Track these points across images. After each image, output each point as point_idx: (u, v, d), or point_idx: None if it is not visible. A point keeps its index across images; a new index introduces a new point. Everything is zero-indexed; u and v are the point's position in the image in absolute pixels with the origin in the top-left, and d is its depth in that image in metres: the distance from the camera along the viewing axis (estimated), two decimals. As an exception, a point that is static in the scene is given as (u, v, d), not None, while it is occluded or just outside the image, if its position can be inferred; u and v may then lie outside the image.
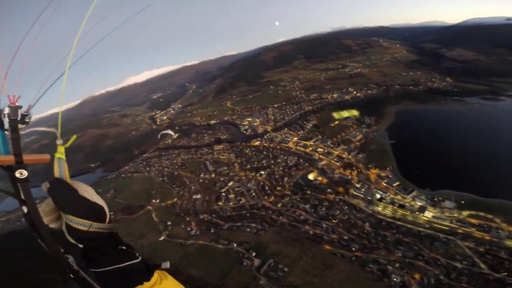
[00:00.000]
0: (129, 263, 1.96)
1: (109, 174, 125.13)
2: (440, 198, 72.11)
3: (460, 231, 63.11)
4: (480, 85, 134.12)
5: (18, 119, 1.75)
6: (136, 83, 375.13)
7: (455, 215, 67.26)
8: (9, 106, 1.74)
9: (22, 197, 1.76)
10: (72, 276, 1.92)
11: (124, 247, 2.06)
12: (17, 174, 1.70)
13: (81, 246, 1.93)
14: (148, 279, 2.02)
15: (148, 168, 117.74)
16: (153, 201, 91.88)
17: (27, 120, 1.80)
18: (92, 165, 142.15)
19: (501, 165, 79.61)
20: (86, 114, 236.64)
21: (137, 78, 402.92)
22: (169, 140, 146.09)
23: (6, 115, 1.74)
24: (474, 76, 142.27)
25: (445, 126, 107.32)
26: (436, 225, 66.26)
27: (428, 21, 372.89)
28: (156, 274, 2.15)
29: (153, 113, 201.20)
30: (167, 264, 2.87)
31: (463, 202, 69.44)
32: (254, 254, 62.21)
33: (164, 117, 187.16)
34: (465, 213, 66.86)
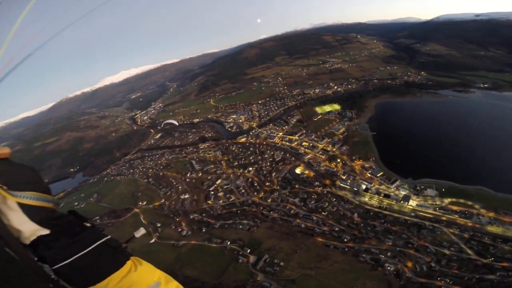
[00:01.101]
0: (100, 241, 1.70)
1: (90, 178, 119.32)
2: (422, 187, 74.78)
3: (444, 218, 65.70)
4: (452, 78, 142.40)
5: None
6: (113, 83, 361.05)
7: (437, 203, 69.88)
8: None
9: None
10: (52, 287, 1.61)
11: (90, 224, 1.86)
12: None
13: (44, 233, 1.62)
14: (120, 265, 1.75)
15: (131, 170, 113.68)
16: (140, 203, 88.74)
17: None
18: (72, 169, 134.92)
19: (477, 152, 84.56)
20: (62, 117, 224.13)
21: (114, 78, 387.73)
22: (152, 141, 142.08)
23: None
24: (447, 70, 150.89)
25: (422, 117, 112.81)
26: (421, 213, 68.53)
27: (403, 17, 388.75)
28: (129, 262, 1.89)
29: (133, 114, 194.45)
30: (141, 231, 2.60)
31: (443, 190, 72.38)
32: (248, 250, 62.05)
33: (145, 117, 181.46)
34: (447, 200, 69.59)
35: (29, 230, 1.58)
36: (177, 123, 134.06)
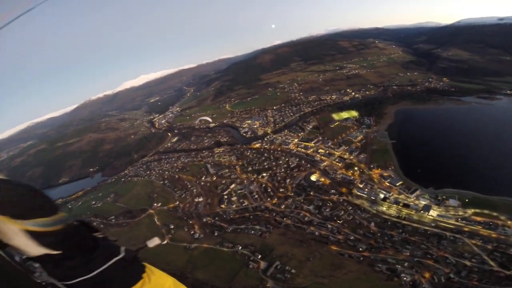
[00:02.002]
0: (117, 258, 1.62)
1: (108, 178, 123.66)
2: (444, 197, 72.24)
3: (466, 229, 63.15)
4: (476, 84, 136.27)
5: None
6: (133, 87, 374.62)
7: (460, 214, 67.40)
8: None
9: None
10: None
11: (101, 234, 1.79)
12: None
13: (53, 252, 1.49)
14: (136, 280, 1.71)
15: (148, 172, 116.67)
16: (155, 204, 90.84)
17: None
18: (91, 169, 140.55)
19: (503, 162, 79.91)
20: (84, 119, 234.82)
21: (134, 82, 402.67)
22: (168, 144, 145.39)
23: None
24: (470, 76, 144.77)
25: (444, 125, 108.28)
26: (442, 223, 66.17)
27: (422, 22, 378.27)
28: (144, 274, 1.85)
29: (152, 117, 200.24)
30: (154, 241, 2.43)
31: (467, 200, 69.69)
32: (260, 256, 61.58)
33: (163, 121, 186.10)
34: (470, 211, 67.03)
35: (38, 252, 1.47)
36: (211, 120, 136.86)
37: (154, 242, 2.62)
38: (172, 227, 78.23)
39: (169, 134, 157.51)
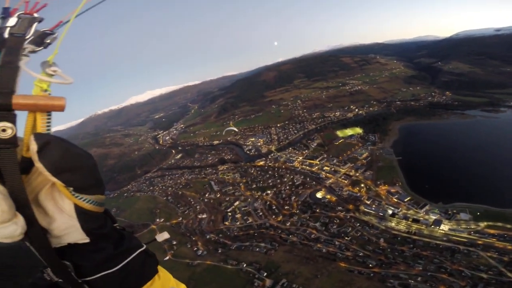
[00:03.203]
0: (141, 249, 1.47)
1: (111, 193, 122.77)
2: (455, 211, 71.39)
3: (480, 242, 62.15)
4: (479, 98, 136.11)
5: (28, 36, 1.07)
6: (138, 102, 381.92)
7: (472, 227, 66.51)
8: (19, 17, 1.09)
9: None
10: None
11: (118, 225, 1.60)
12: None
13: (84, 242, 1.27)
14: (153, 274, 1.56)
15: (151, 188, 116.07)
16: (157, 220, 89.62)
17: (48, 42, 1.12)
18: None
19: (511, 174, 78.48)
20: (89, 133, 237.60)
21: (140, 98, 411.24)
22: (172, 161, 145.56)
23: (7, 30, 1.05)
24: (472, 89, 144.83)
25: (450, 140, 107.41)
26: (454, 237, 65.10)
27: (421, 35, 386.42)
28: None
29: (156, 133, 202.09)
30: (164, 235, 2.35)
31: (478, 213, 68.80)
32: (265, 274, 59.46)
33: (167, 137, 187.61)
34: (482, 224, 66.24)
35: (72, 239, 1.25)
36: (237, 130, 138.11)
37: (163, 236, 2.44)
38: (174, 243, 76.52)
39: (173, 150, 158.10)
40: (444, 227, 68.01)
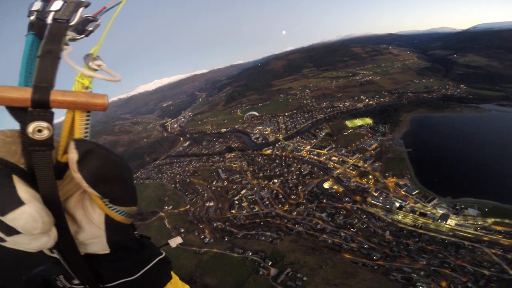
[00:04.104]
0: (160, 257, 1.45)
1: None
2: (463, 206, 70.64)
3: (486, 238, 61.83)
4: (495, 91, 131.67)
5: (73, 22, 0.94)
6: (146, 91, 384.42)
7: (479, 223, 65.93)
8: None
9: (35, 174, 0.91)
10: None
11: (137, 233, 1.57)
12: (30, 129, 0.84)
13: (107, 252, 1.23)
14: (171, 277, 1.56)
15: (160, 175, 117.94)
16: (166, 207, 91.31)
17: (90, 30, 1.01)
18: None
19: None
20: (99, 121, 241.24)
21: (148, 86, 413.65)
22: (180, 148, 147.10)
23: (51, 15, 0.91)
24: (489, 82, 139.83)
25: (462, 133, 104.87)
26: (460, 233, 64.79)
27: (436, 27, 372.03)
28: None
29: (164, 121, 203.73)
30: (177, 240, 2.42)
31: (487, 209, 68.01)
32: (270, 263, 60.46)
33: (175, 125, 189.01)
34: (490, 220, 65.65)
35: (94, 250, 1.20)
36: (258, 114, 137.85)
37: (176, 241, 2.54)
38: (182, 230, 78.21)
39: (181, 138, 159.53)
40: (451, 222, 67.41)
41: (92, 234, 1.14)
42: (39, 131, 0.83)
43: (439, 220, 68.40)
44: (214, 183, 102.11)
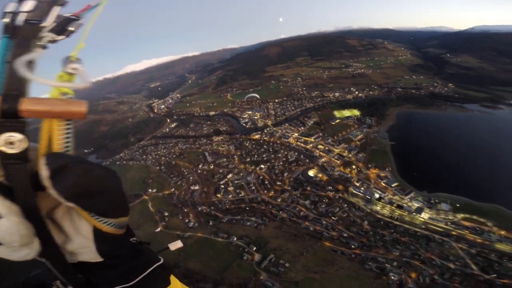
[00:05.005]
0: (158, 264, 1.46)
1: (103, 161, 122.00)
2: (437, 201, 73.64)
3: (454, 233, 65.07)
4: (481, 93, 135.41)
5: (46, 23, 0.87)
6: (134, 71, 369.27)
7: (450, 218, 69.05)
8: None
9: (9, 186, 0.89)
10: None
11: (135, 239, 1.58)
12: (1, 142, 0.80)
13: (99, 260, 1.22)
14: (169, 283, 1.56)
15: (144, 156, 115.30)
16: (150, 190, 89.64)
17: (71, 30, 0.94)
18: (85, 151, 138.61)
19: (497, 171, 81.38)
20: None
21: (136, 67, 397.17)
22: (167, 129, 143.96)
23: (22, 16, 0.84)
24: (476, 83, 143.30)
25: (445, 131, 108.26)
26: (432, 226, 67.76)
27: (434, 26, 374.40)
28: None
29: (151, 102, 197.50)
30: (177, 244, 2.46)
31: (458, 205, 71.22)
32: (254, 248, 61.32)
33: (162, 106, 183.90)
34: (460, 216, 68.84)
35: (85, 258, 1.19)
36: (258, 96, 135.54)
37: (176, 245, 2.52)
38: (166, 214, 77.39)
39: (168, 119, 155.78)
40: (425, 215, 70.20)
41: (80, 244, 1.12)
42: (11, 143, 0.79)
43: (414, 213, 71.03)
44: (200, 166, 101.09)
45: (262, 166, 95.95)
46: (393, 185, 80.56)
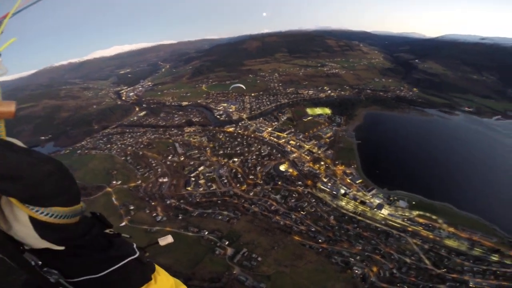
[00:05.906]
0: (131, 258, 1.46)
1: (62, 149, 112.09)
2: (395, 198, 77.95)
3: (410, 229, 69.23)
4: (442, 98, 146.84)
5: None
6: (103, 56, 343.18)
7: (406, 214, 73.45)
8: None
9: None
10: None
11: (112, 230, 1.57)
12: None
13: (59, 248, 1.23)
14: (145, 281, 1.54)
15: (109, 146, 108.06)
16: (114, 182, 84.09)
17: None
18: (43, 137, 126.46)
19: (449, 172, 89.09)
20: (42, 84, 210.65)
21: (105, 52, 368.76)
22: (135, 118, 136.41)
23: None
24: (438, 89, 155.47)
25: (406, 133, 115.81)
26: (390, 222, 71.54)
27: (408, 31, 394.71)
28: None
29: (119, 89, 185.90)
30: (167, 239, 2.36)
31: (414, 202, 75.97)
32: (227, 242, 60.59)
33: (131, 93, 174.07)
34: (415, 212, 73.41)
35: (40, 245, 1.19)
36: (244, 87, 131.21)
37: (166, 240, 2.44)
38: (132, 208, 73.30)
39: (137, 108, 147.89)
40: (385, 211, 73.81)
41: (23, 232, 1.10)
42: None
43: (375, 209, 74.58)
44: (169, 157, 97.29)
45: (235, 159, 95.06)
46: (357, 182, 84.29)
